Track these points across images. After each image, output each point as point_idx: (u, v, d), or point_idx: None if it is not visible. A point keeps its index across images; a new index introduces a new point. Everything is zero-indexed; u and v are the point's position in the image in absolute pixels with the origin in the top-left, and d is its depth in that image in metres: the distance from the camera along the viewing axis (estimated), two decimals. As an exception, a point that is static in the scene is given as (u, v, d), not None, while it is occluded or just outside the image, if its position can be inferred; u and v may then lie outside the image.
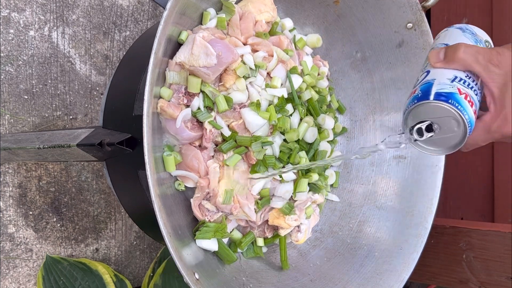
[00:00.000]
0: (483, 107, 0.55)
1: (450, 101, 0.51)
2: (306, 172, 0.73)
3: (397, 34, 0.78)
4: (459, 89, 0.52)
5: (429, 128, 0.52)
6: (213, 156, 0.64)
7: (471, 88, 0.53)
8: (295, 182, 0.71)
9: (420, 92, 0.53)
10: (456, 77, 0.53)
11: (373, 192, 0.84)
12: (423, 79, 0.55)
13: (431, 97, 0.51)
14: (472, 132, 0.53)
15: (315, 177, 0.73)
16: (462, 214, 1.47)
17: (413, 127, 0.53)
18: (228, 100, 0.62)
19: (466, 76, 0.53)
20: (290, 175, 0.70)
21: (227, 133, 0.63)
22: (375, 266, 0.76)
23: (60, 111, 0.98)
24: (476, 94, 0.53)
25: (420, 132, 0.52)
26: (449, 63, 0.53)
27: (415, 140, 0.53)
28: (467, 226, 0.97)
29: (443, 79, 0.53)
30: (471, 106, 0.52)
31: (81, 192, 1.01)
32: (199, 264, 0.59)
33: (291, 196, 0.71)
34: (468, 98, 0.51)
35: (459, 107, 0.51)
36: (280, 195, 0.70)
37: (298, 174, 0.72)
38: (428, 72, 0.55)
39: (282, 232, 0.71)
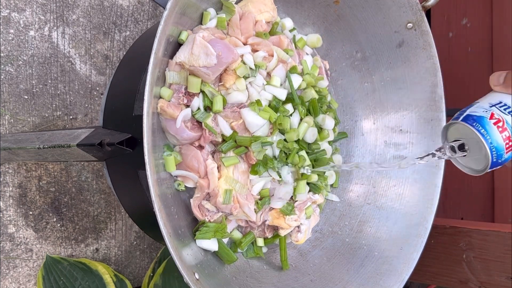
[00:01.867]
0: None
1: (475, 124, 0.52)
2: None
3: (397, 34, 0.78)
4: (492, 114, 0.52)
5: (462, 148, 0.55)
6: (213, 156, 0.64)
7: None
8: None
9: (459, 112, 0.55)
10: (500, 102, 0.53)
11: (373, 192, 0.84)
12: (476, 101, 0.57)
13: (461, 118, 0.54)
14: None
15: (314, 177, 0.73)
16: (462, 214, 1.47)
17: (449, 144, 0.56)
18: (223, 100, 0.62)
19: None
20: (288, 179, 0.70)
21: (228, 132, 0.63)
22: (375, 266, 0.76)
23: (60, 111, 0.98)
24: None
25: (453, 149, 0.55)
26: (506, 88, 0.54)
27: (449, 156, 0.56)
28: (467, 226, 0.97)
29: (485, 103, 0.54)
30: (501, 132, 0.52)
31: (81, 192, 1.01)
32: (199, 264, 0.59)
33: (291, 196, 0.71)
34: (500, 124, 0.52)
35: (482, 130, 0.52)
36: (280, 195, 0.70)
37: (298, 175, 0.72)
38: (487, 94, 0.57)
39: (282, 232, 0.71)
